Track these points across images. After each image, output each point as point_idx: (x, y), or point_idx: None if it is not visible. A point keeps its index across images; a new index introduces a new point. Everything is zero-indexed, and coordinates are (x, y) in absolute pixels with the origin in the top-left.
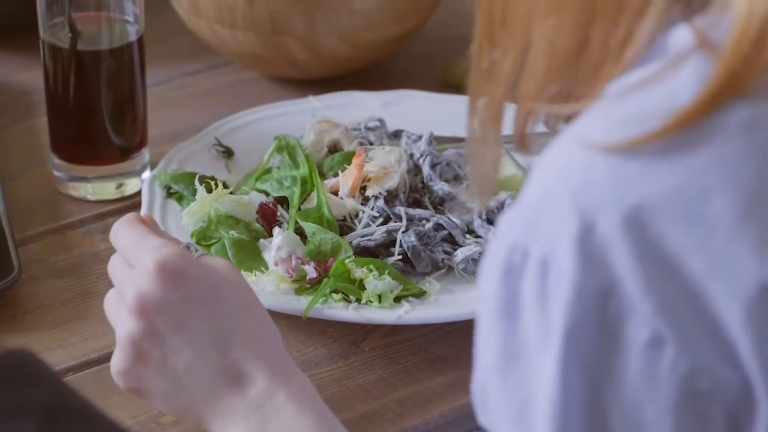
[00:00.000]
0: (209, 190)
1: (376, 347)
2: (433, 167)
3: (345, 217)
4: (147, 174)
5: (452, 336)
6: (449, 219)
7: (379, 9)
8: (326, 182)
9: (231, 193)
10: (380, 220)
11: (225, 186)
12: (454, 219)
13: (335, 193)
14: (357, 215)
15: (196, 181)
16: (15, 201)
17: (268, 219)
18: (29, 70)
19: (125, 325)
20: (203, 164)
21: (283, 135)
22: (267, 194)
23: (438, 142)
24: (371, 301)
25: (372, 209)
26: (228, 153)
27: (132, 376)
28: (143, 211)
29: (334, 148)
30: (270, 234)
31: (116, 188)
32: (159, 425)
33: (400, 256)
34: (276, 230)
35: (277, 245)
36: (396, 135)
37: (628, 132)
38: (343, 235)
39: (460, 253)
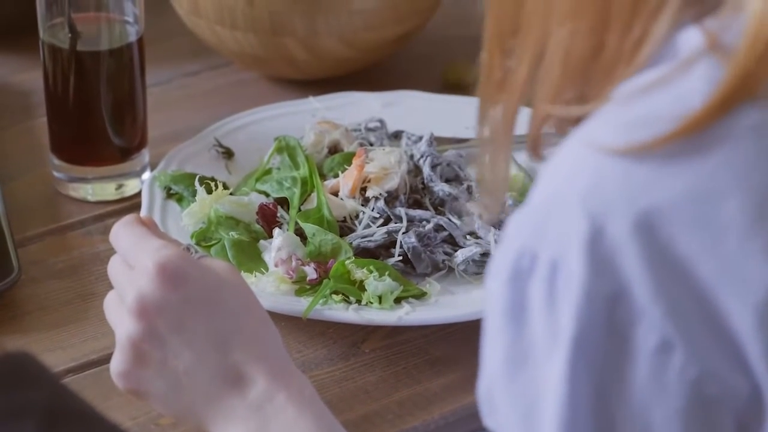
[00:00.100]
0: (209, 191)
1: (376, 348)
2: (434, 168)
3: (345, 218)
4: (147, 175)
5: (453, 337)
6: (449, 220)
7: (379, 10)
8: (326, 183)
9: (231, 194)
10: (380, 221)
11: (225, 187)
12: (455, 220)
13: (335, 194)
14: (357, 216)
15: (196, 182)
16: (15, 202)
17: (268, 220)
18: (29, 71)
19: (125, 327)
20: (203, 165)
21: (283, 136)
22: (267, 195)
23: (438, 142)
24: (371, 303)
25: (372, 210)
26: (228, 154)
27: (132, 377)
28: (143, 212)
29: (334, 149)
30: (270, 235)
31: (116, 189)
32: (158, 427)
33: (401, 257)
34: (276, 231)
35: (277, 246)
36: (396, 136)
37: (638, 135)
38: (343, 236)
39: (461, 254)
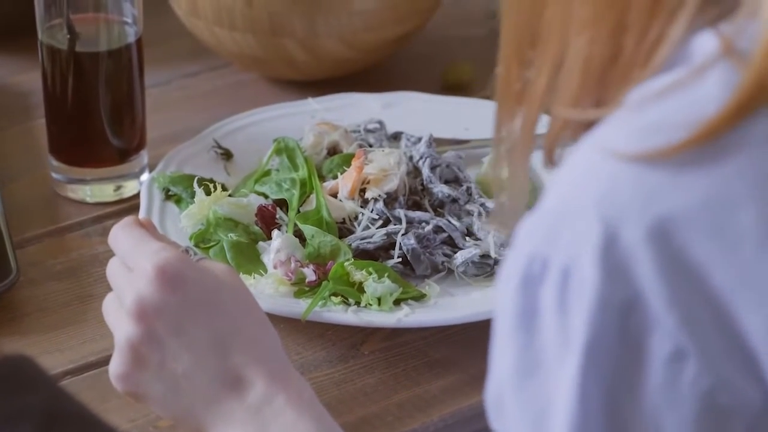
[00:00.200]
0: (208, 193)
1: (375, 350)
2: (433, 169)
3: (344, 219)
4: (145, 176)
5: (452, 339)
6: (449, 221)
7: (379, 10)
8: (325, 184)
9: (230, 195)
10: (380, 222)
11: (224, 188)
12: (454, 221)
13: (334, 196)
14: (356, 218)
15: (195, 184)
16: (13, 203)
17: (267, 221)
18: (27, 72)
19: (124, 329)
20: (202, 166)
21: (282, 137)
22: (266, 197)
23: (438, 144)
24: (370, 304)
25: (371, 212)
26: (227, 155)
27: (130, 380)
28: (142, 214)
29: (333, 150)
30: (269, 236)
31: (115, 190)
32: (157, 429)
33: (400, 259)
34: (275, 233)
35: (276, 248)
36: (395, 137)
37: (653, 142)
38: (342, 237)
39: (460, 256)
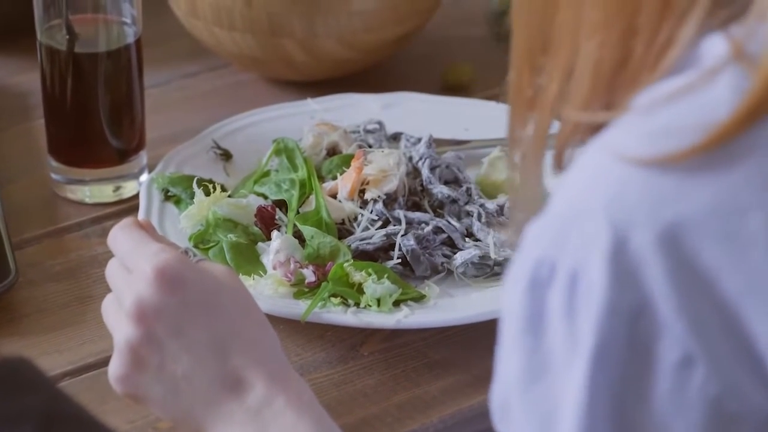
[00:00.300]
0: (207, 193)
1: (375, 351)
2: (433, 170)
3: (344, 220)
4: (145, 177)
5: (452, 340)
6: (448, 222)
7: (379, 11)
8: (325, 185)
9: (229, 196)
10: (379, 223)
11: (223, 189)
12: (454, 222)
13: (334, 197)
14: (356, 218)
15: (194, 184)
16: (12, 204)
17: (267, 222)
18: (26, 73)
19: (123, 331)
20: (201, 167)
21: (281, 137)
22: (265, 197)
23: (437, 144)
24: (370, 305)
25: (371, 212)
26: (226, 156)
27: (130, 382)
28: (141, 215)
29: (332, 151)
30: (268, 237)
31: (114, 191)
32: (156, 430)
33: (399, 260)
34: (274, 234)
35: (276, 249)
36: (395, 138)
37: (663, 146)
38: (341, 238)
39: (460, 257)
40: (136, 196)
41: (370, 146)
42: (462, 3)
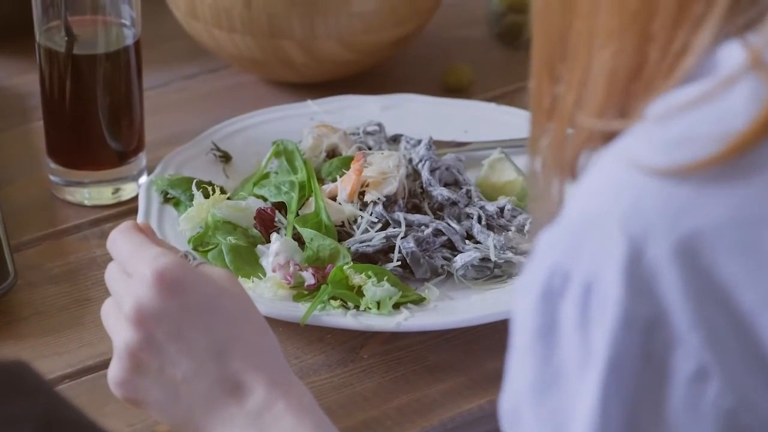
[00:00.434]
0: (206, 196)
1: (374, 354)
2: (432, 172)
3: (343, 222)
4: (144, 179)
5: (452, 343)
6: (448, 224)
7: (378, 12)
8: (324, 187)
9: (228, 198)
10: (379, 225)
11: (222, 191)
12: (454, 225)
13: (333, 199)
14: (355, 221)
15: (194, 187)
16: (10, 206)
17: (266, 225)
18: (25, 74)
19: (123, 335)
20: (200, 169)
21: (281, 139)
22: (265, 199)
23: (437, 146)
24: (370, 308)
25: (371, 215)
26: (225, 157)
27: (129, 386)
28: (140, 217)
29: (332, 153)
30: (268, 240)
31: (113, 193)
32: None
33: (399, 262)
34: (274, 236)
35: (275, 251)
36: (395, 139)
37: (679, 156)
38: (341, 241)
39: (460, 259)
40: (135, 198)
41: (370, 148)
42: (462, 4)
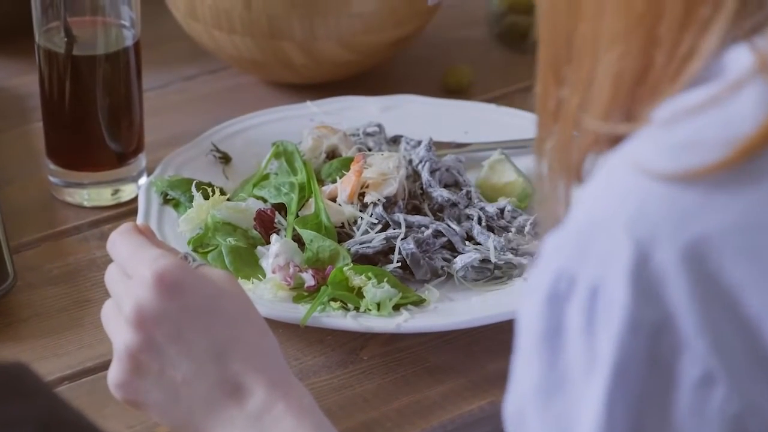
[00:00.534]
0: (206, 197)
1: (374, 356)
2: (432, 173)
3: (343, 224)
4: (143, 180)
5: (452, 344)
6: (448, 226)
7: (378, 12)
8: (324, 189)
9: (228, 199)
10: (379, 227)
11: (222, 192)
12: (454, 226)
13: (333, 200)
14: (355, 222)
15: (193, 188)
16: (10, 207)
17: (266, 226)
18: (24, 75)
19: (123, 337)
20: (200, 170)
21: (280, 140)
22: (264, 201)
23: (437, 147)
24: (370, 309)
25: (371, 216)
26: (225, 159)
27: (129, 388)
28: (139, 218)
29: (332, 154)
30: (267, 241)
31: (112, 194)
32: None
33: (399, 264)
34: (274, 237)
35: (275, 252)
36: (395, 141)
37: (686, 161)
38: (341, 242)
39: (460, 261)
40: (135, 200)
41: (370, 149)
42: (462, 5)
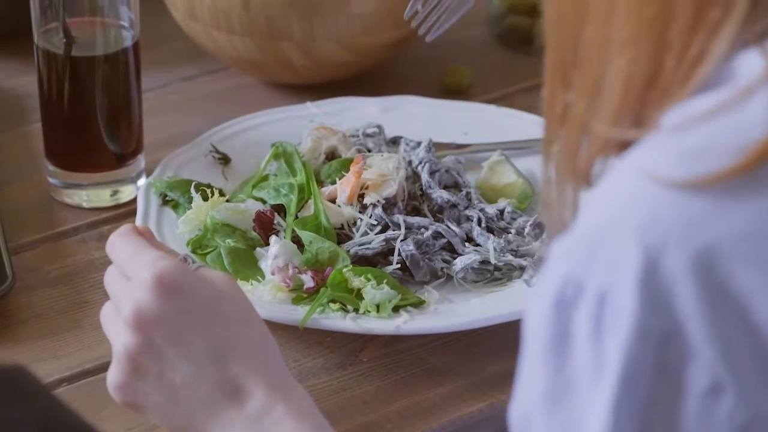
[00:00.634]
0: (205, 198)
1: (374, 358)
2: (432, 174)
3: (343, 225)
4: (142, 181)
5: (451, 346)
6: (448, 227)
7: (378, 13)
8: (324, 190)
9: (227, 200)
10: (378, 228)
11: (221, 193)
12: (453, 227)
13: (333, 201)
14: (355, 223)
15: (192, 189)
16: (9, 208)
17: (265, 227)
18: (23, 76)
19: (122, 339)
20: (199, 171)
21: (280, 141)
22: (264, 202)
23: (437, 148)
24: (369, 311)
25: (370, 217)
26: (224, 160)
27: (129, 390)
28: (138, 219)
29: (331, 155)
30: (267, 242)
31: (111, 195)
32: None
33: (399, 265)
34: (273, 239)
35: (274, 254)
36: (394, 141)
37: (697, 168)
38: (340, 243)
39: (459, 262)
40: (134, 201)
41: (370, 150)
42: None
